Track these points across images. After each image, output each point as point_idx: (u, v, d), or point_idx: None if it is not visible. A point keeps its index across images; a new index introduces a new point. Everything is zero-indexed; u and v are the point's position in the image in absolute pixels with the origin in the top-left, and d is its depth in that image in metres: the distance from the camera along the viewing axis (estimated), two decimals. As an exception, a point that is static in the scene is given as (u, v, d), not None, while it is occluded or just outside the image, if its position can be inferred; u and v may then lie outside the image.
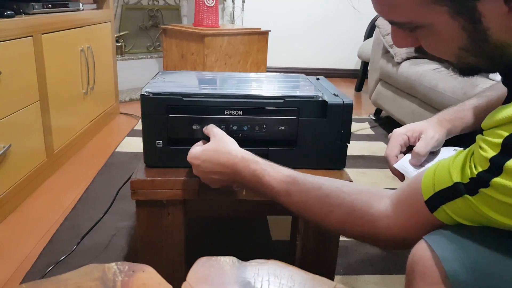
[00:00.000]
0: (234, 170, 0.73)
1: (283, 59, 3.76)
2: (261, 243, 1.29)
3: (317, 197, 0.65)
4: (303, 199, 0.66)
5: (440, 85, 1.76)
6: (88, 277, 0.46)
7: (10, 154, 1.37)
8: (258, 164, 0.71)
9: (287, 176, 0.69)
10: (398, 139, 0.80)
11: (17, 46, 1.41)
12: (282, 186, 0.68)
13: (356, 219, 0.62)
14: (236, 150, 0.74)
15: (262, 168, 0.71)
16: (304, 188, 0.67)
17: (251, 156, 0.73)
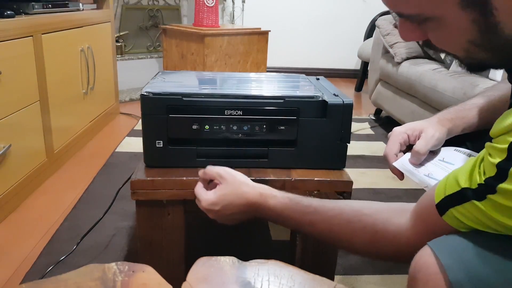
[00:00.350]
0: (254, 208, 0.74)
1: (283, 59, 3.76)
2: (261, 243, 1.29)
3: (340, 225, 0.66)
4: (327, 227, 0.67)
5: (440, 85, 1.76)
6: (88, 277, 0.46)
7: (10, 154, 1.37)
8: (276, 198, 0.72)
9: (307, 207, 0.69)
10: (397, 138, 0.79)
11: (17, 46, 1.41)
12: (305, 218, 0.69)
13: (378, 241, 0.62)
14: (252, 189, 0.75)
15: (281, 203, 0.72)
16: (325, 217, 0.67)
17: (268, 191, 0.74)
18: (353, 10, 3.70)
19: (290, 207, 0.70)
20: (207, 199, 0.77)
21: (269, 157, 0.89)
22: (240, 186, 0.76)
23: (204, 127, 0.85)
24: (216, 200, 0.76)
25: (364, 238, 0.63)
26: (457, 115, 0.81)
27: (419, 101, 1.98)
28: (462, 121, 0.80)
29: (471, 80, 1.64)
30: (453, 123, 0.80)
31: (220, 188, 0.77)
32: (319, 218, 0.68)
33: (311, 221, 0.68)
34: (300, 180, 0.86)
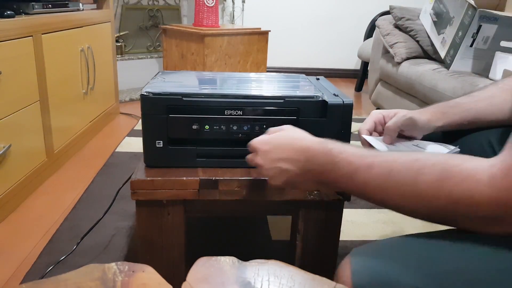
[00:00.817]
0: (307, 156, 0.64)
1: (283, 59, 3.76)
2: (261, 243, 1.29)
3: (405, 163, 0.54)
4: (387, 169, 0.55)
5: (440, 85, 1.76)
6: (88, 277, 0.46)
7: (10, 154, 1.37)
8: (335, 144, 0.62)
9: (370, 151, 0.60)
10: (372, 117, 0.83)
11: (17, 46, 1.41)
12: (363, 160, 0.57)
13: (450, 177, 0.50)
14: (310, 136, 0.67)
15: (340, 146, 0.61)
16: (389, 157, 0.56)
17: (328, 140, 0.64)
18: (353, 10, 3.71)
19: (348, 150, 0.60)
20: (259, 138, 0.70)
21: (269, 157, 0.89)
22: (299, 132, 0.69)
23: (204, 127, 0.85)
24: (269, 138, 0.69)
25: (433, 174, 0.51)
26: (438, 109, 0.83)
27: (419, 101, 1.98)
28: (443, 116, 0.82)
29: (471, 80, 1.65)
30: (432, 115, 0.82)
31: (274, 133, 0.71)
32: (381, 159, 0.56)
33: (371, 164, 0.56)
34: (300, 180, 0.86)
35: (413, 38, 2.15)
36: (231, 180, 0.85)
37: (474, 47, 1.74)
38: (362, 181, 0.57)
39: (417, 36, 2.13)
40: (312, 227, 0.91)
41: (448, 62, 1.84)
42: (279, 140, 0.68)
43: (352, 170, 0.58)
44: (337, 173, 0.59)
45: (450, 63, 1.82)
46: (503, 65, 1.62)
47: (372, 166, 0.56)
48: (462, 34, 1.74)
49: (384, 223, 1.39)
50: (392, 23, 2.29)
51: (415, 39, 2.14)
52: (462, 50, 1.76)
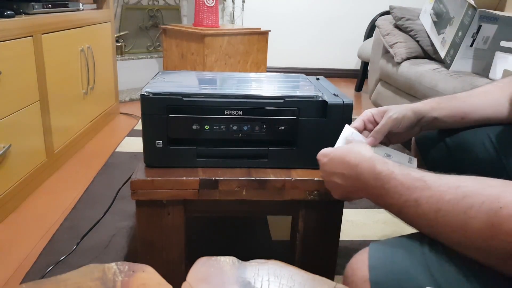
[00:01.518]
0: (357, 172, 0.63)
1: (283, 59, 3.76)
2: (261, 243, 1.29)
3: (452, 201, 0.49)
4: (434, 208, 0.51)
5: (440, 85, 1.76)
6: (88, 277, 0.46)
7: (10, 154, 1.37)
8: (386, 165, 0.59)
9: (417, 179, 0.54)
10: (362, 116, 0.82)
11: (17, 46, 1.41)
12: (411, 195, 0.54)
13: (504, 227, 0.44)
14: (367, 151, 0.65)
15: (389, 169, 0.58)
16: (437, 191, 0.51)
17: (381, 158, 0.61)
18: (353, 10, 3.71)
19: (396, 177, 0.57)
20: (323, 150, 0.72)
21: (269, 157, 0.89)
22: (359, 145, 0.67)
23: (204, 127, 0.85)
24: (329, 151, 0.70)
25: (481, 221, 0.45)
26: (434, 100, 0.82)
27: (419, 101, 1.97)
28: (438, 106, 0.81)
29: (471, 80, 1.64)
30: (426, 105, 0.81)
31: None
32: (428, 194, 0.52)
33: (417, 200, 0.53)
34: (300, 180, 0.86)
35: (413, 38, 2.15)
36: (231, 180, 0.85)
37: (474, 47, 1.74)
38: (411, 216, 0.55)
39: (417, 36, 2.13)
40: (312, 227, 0.91)
41: (448, 62, 1.84)
42: (336, 153, 0.68)
43: (401, 203, 0.56)
44: (386, 201, 0.58)
45: (450, 63, 1.82)
46: (503, 65, 1.62)
47: (419, 203, 0.53)
48: (462, 34, 1.74)
49: (384, 223, 1.39)
50: (392, 23, 2.29)
51: (415, 39, 2.14)
52: (462, 50, 1.76)
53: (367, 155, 0.63)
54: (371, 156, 0.62)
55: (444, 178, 0.53)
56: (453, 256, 0.50)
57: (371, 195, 0.61)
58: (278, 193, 0.86)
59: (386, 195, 0.58)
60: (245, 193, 0.86)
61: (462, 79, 1.67)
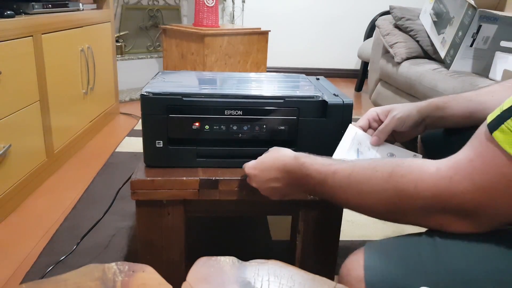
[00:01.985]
0: (287, 171, 0.70)
1: (283, 59, 3.76)
2: (261, 243, 1.29)
3: (363, 164, 0.59)
4: (348, 172, 0.60)
5: (440, 85, 1.76)
6: (88, 277, 0.46)
7: (10, 154, 1.37)
8: (308, 157, 0.68)
9: (335, 160, 0.66)
10: (367, 114, 0.83)
11: (17, 46, 1.41)
12: (329, 168, 0.62)
13: (400, 169, 0.54)
14: (289, 153, 0.72)
15: (311, 158, 0.67)
16: (351, 162, 0.62)
17: (305, 154, 0.69)
18: (353, 10, 3.71)
19: (317, 161, 0.65)
20: (248, 163, 0.78)
21: (269, 157, 0.89)
22: (280, 152, 0.74)
23: (204, 127, 0.85)
24: (255, 163, 0.76)
25: (385, 170, 0.55)
26: (441, 99, 0.82)
27: (419, 101, 1.97)
28: (444, 105, 0.80)
29: (471, 80, 1.64)
30: (432, 103, 0.81)
31: (262, 155, 0.78)
32: (344, 166, 0.61)
33: (335, 171, 0.61)
34: (300, 180, 0.86)
35: (413, 38, 2.15)
36: (231, 180, 0.85)
37: (474, 47, 1.74)
38: (330, 186, 0.62)
39: (417, 36, 2.13)
40: (312, 227, 0.91)
41: (448, 62, 1.84)
42: (264, 163, 0.75)
43: (322, 179, 0.63)
44: (312, 183, 0.65)
45: (450, 63, 1.82)
46: (503, 65, 1.62)
47: (336, 172, 0.61)
48: (462, 34, 1.74)
49: (384, 223, 1.39)
50: (392, 23, 2.29)
51: (415, 39, 2.14)
52: (462, 50, 1.76)
53: (291, 154, 0.71)
54: (295, 155, 0.70)
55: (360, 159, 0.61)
56: (449, 256, 0.50)
57: (303, 186, 0.68)
58: (278, 193, 0.86)
59: (311, 179, 0.65)
60: (245, 193, 0.85)
61: (462, 79, 1.67)
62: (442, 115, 0.80)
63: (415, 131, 0.81)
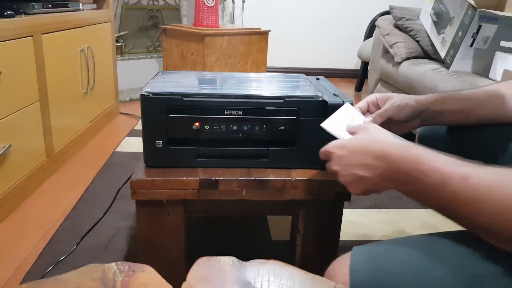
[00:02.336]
0: (388, 160, 0.58)
1: (283, 59, 3.76)
2: (261, 243, 1.29)
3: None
4: (489, 180, 0.47)
5: (440, 85, 1.76)
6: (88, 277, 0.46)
7: (10, 154, 1.37)
8: (422, 149, 0.55)
9: (462, 160, 0.52)
10: (367, 98, 0.82)
11: (17, 46, 1.41)
12: (457, 170, 0.50)
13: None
14: (391, 138, 0.61)
15: (428, 152, 0.54)
16: (492, 170, 0.48)
17: (411, 143, 0.58)
18: (353, 10, 3.71)
19: (438, 156, 0.53)
20: (334, 142, 0.66)
21: (269, 157, 0.89)
22: (377, 134, 0.63)
23: (204, 127, 0.85)
24: (344, 142, 0.64)
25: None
26: (440, 95, 0.82)
27: (419, 101, 1.97)
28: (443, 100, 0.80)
29: (471, 80, 1.64)
30: (430, 97, 0.81)
31: (356, 135, 0.66)
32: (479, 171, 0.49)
33: (465, 175, 0.49)
34: (300, 180, 0.86)
35: (413, 38, 2.15)
36: (231, 180, 0.85)
37: (474, 47, 1.74)
38: (452, 192, 0.50)
39: (417, 36, 2.13)
40: (312, 227, 0.91)
41: (448, 62, 1.84)
42: (356, 144, 0.63)
43: (442, 180, 0.51)
44: (424, 183, 0.53)
45: (450, 63, 1.82)
46: (503, 65, 1.62)
47: (468, 177, 0.49)
48: (462, 34, 1.74)
49: (384, 223, 1.39)
50: (392, 23, 2.29)
51: (415, 39, 2.14)
52: (462, 50, 1.76)
53: (394, 140, 0.59)
54: (402, 143, 0.58)
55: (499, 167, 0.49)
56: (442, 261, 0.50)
57: (405, 183, 0.56)
58: (278, 193, 0.86)
59: (425, 177, 0.53)
60: (245, 193, 0.86)
61: (462, 79, 1.67)
62: (440, 110, 0.80)
63: (411, 123, 0.81)
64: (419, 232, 1.34)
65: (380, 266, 0.52)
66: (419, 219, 1.42)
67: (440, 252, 0.51)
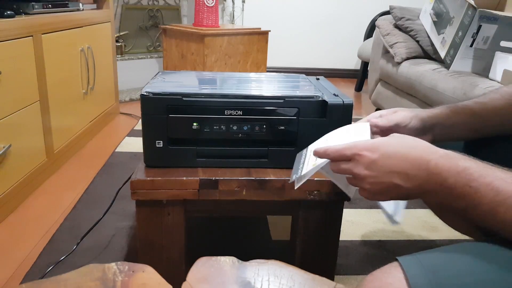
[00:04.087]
0: (431, 171, 0.51)
1: (283, 59, 3.76)
2: (261, 243, 1.29)
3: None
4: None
5: (440, 85, 1.76)
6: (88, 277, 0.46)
7: (10, 154, 1.37)
8: (471, 162, 0.50)
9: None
10: (371, 114, 0.76)
11: (17, 46, 1.41)
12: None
13: None
14: (435, 147, 0.54)
15: (478, 165, 0.49)
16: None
17: (458, 154, 0.52)
18: (353, 10, 3.71)
19: (496, 173, 0.48)
20: (361, 142, 0.57)
21: (269, 157, 0.89)
22: (417, 140, 0.56)
23: (204, 127, 0.85)
24: (375, 143, 0.56)
25: None
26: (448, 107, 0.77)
27: (419, 101, 1.98)
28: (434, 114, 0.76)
29: (471, 80, 1.64)
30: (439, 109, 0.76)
31: (388, 136, 0.57)
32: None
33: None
34: (300, 180, 0.86)
35: (413, 38, 2.15)
36: (231, 180, 0.85)
37: (474, 47, 1.74)
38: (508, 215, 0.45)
39: (417, 36, 2.13)
40: (312, 227, 0.91)
41: (448, 62, 1.84)
42: (391, 147, 0.55)
43: (498, 201, 0.46)
44: (474, 201, 0.48)
45: (450, 63, 1.82)
46: (503, 65, 1.62)
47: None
48: (462, 34, 1.74)
49: (384, 223, 1.39)
50: (392, 23, 2.29)
51: (415, 39, 2.14)
52: (462, 50, 1.76)
53: (440, 150, 0.52)
54: (446, 152, 0.52)
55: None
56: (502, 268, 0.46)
57: (447, 197, 0.51)
58: (278, 193, 0.86)
59: (476, 196, 0.47)
60: (245, 193, 0.86)
61: (462, 79, 1.67)
62: (452, 124, 0.74)
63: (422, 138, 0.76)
64: (419, 232, 1.34)
65: (441, 282, 0.46)
66: (419, 219, 1.42)
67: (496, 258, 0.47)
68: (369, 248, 1.24)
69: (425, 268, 0.47)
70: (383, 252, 1.23)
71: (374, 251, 1.23)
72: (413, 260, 0.48)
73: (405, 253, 0.52)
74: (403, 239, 1.30)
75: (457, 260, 0.48)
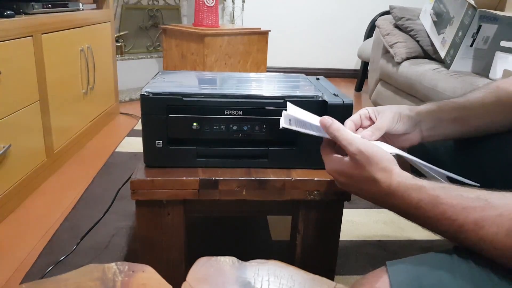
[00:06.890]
0: (387, 197, 0.59)
1: (283, 59, 3.76)
2: (261, 243, 1.29)
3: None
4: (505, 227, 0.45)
5: (440, 85, 1.76)
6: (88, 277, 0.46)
7: (10, 154, 1.37)
8: (424, 191, 0.54)
9: (475, 199, 0.49)
10: (360, 112, 0.77)
11: (17, 46, 1.41)
12: (467, 216, 0.48)
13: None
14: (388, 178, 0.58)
15: (431, 195, 0.53)
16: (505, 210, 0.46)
17: (412, 181, 0.56)
18: (353, 10, 3.71)
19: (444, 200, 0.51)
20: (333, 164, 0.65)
21: (269, 157, 0.89)
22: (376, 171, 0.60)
23: (204, 127, 0.85)
24: (345, 170, 0.63)
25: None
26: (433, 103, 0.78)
27: (419, 101, 1.98)
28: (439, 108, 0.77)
29: (471, 80, 1.64)
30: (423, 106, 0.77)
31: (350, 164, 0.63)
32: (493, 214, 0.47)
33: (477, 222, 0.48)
34: (300, 180, 0.86)
35: (413, 38, 2.15)
36: (231, 180, 0.85)
37: (474, 47, 1.74)
38: (473, 242, 0.48)
39: (417, 36, 2.13)
40: (312, 227, 0.91)
41: (448, 62, 1.84)
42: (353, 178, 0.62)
43: (455, 227, 0.50)
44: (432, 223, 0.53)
45: (450, 63, 1.82)
46: (503, 65, 1.62)
47: (481, 226, 0.47)
48: (462, 34, 1.74)
49: (384, 223, 1.39)
50: (392, 23, 2.29)
51: (415, 39, 2.14)
52: (462, 50, 1.76)
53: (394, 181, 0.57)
54: (398, 181, 0.57)
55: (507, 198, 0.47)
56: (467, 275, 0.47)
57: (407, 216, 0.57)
58: (278, 193, 0.86)
59: (434, 219, 0.52)
60: (245, 193, 0.85)
61: (462, 79, 1.67)
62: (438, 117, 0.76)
63: (411, 136, 0.76)
64: (419, 232, 1.34)
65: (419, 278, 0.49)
66: (419, 219, 1.42)
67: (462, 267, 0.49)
68: (369, 248, 1.24)
69: (410, 275, 0.50)
70: (383, 252, 1.23)
71: (374, 251, 1.23)
72: (401, 267, 0.51)
73: (405, 253, 0.54)
74: (403, 239, 1.30)
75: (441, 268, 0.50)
